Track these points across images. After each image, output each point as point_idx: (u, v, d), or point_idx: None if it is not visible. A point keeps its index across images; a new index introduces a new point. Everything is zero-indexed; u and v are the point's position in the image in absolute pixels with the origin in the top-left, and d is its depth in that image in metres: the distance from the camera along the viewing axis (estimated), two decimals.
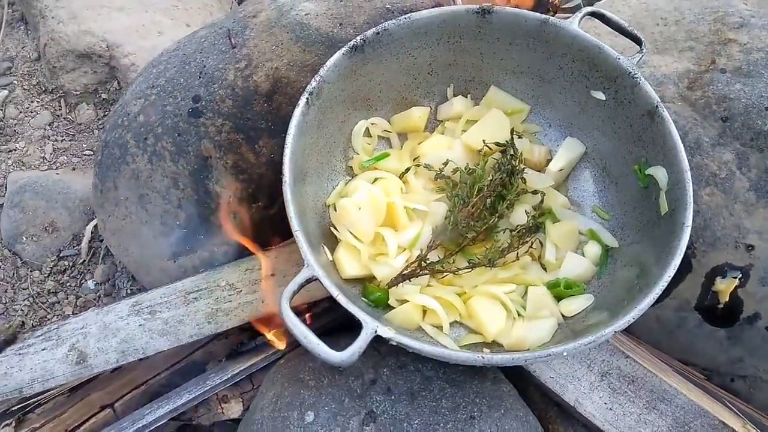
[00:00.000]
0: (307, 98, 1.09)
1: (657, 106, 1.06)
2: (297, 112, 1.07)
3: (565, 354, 0.88)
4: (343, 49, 1.13)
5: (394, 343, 0.90)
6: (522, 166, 1.20)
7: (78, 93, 1.78)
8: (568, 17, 1.53)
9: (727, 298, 1.12)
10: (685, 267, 1.15)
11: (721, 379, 1.22)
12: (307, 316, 1.31)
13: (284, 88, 1.25)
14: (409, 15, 1.16)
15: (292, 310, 0.91)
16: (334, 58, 1.13)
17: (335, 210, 1.18)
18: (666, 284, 0.92)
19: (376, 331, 0.89)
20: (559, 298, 1.13)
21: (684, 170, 1.00)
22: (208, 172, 1.28)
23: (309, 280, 0.94)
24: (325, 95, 1.14)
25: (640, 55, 1.11)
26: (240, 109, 1.26)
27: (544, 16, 1.14)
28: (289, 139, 1.05)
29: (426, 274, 1.13)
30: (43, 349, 1.24)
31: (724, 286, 1.12)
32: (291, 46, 1.27)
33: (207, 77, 1.30)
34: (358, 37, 1.14)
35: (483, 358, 0.88)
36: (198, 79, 1.30)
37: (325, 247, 1.13)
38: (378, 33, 1.15)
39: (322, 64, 1.14)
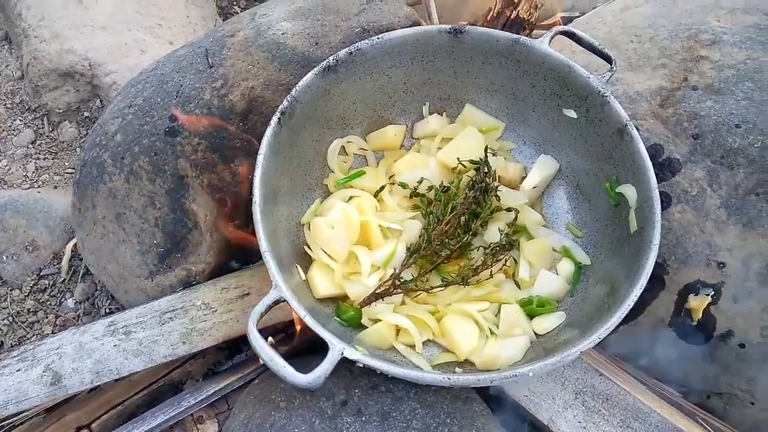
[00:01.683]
0: (279, 118, 1.09)
1: (626, 125, 1.07)
2: (268, 132, 1.08)
3: (530, 374, 0.88)
4: (315, 69, 1.14)
5: (361, 365, 0.90)
6: (496, 183, 1.20)
7: (61, 111, 1.79)
8: (545, 33, 1.55)
9: (700, 316, 1.12)
10: (659, 284, 1.15)
11: (697, 396, 1.21)
12: (284, 334, 1.32)
13: (260, 107, 1.26)
14: (381, 35, 1.17)
15: (259, 332, 0.91)
16: (306, 79, 1.13)
17: (309, 229, 1.18)
18: (632, 304, 0.92)
19: (342, 353, 0.88)
20: (531, 315, 1.13)
21: (652, 189, 1.01)
22: (185, 191, 1.28)
23: (277, 302, 0.94)
24: (298, 115, 1.14)
25: (610, 74, 1.11)
26: (216, 128, 1.26)
27: (515, 35, 1.15)
28: (260, 159, 1.05)
29: (399, 292, 1.13)
30: (18, 370, 1.23)
31: (697, 304, 1.12)
32: (267, 65, 1.28)
33: (184, 97, 1.30)
34: (331, 58, 1.15)
35: (449, 379, 0.88)
36: (175, 98, 1.31)
37: (298, 266, 1.13)
38: (351, 53, 1.16)
39: (296, 84, 1.15)
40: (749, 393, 1.15)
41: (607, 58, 1.13)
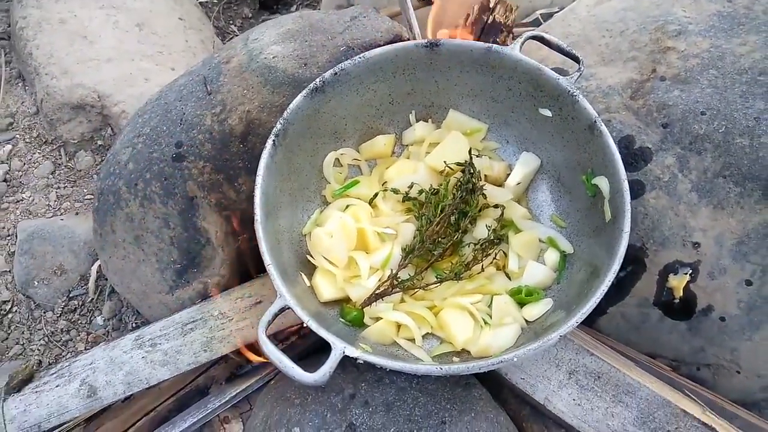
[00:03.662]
0: (273, 140, 1.19)
1: (595, 121, 1.14)
2: (265, 154, 1.17)
3: (515, 360, 0.97)
4: (304, 92, 1.23)
5: (362, 362, 0.99)
6: (481, 183, 1.28)
7: (76, 141, 1.90)
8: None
9: (681, 293, 1.19)
10: (640, 266, 1.22)
11: (688, 368, 1.28)
12: (297, 336, 1.41)
13: (257, 129, 1.35)
14: (363, 54, 1.25)
15: (270, 337, 1.01)
16: (296, 101, 1.22)
17: (311, 239, 1.27)
18: (606, 290, 1.00)
19: (344, 352, 0.98)
20: (522, 304, 1.21)
21: (621, 180, 1.08)
22: (195, 211, 1.38)
23: (283, 309, 1.04)
24: (292, 135, 1.23)
25: (578, 74, 1.19)
26: (218, 151, 1.36)
27: (487, 45, 1.23)
28: (259, 180, 1.14)
29: (398, 291, 1.22)
30: (57, 386, 1.35)
31: (677, 282, 1.19)
32: (261, 89, 1.37)
33: (187, 124, 1.40)
34: (318, 79, 1.24)
35: (441, 369, 0.97)
36: (179, 125, 1.41)
37: (302, 274, 1.23)
38: (336, 73, 1.25)
39: (288, 105, 1.24)
40: (734, 362, 1.22)
41: (575, 59, 1.20)
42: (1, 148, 1.92)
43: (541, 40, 1.23)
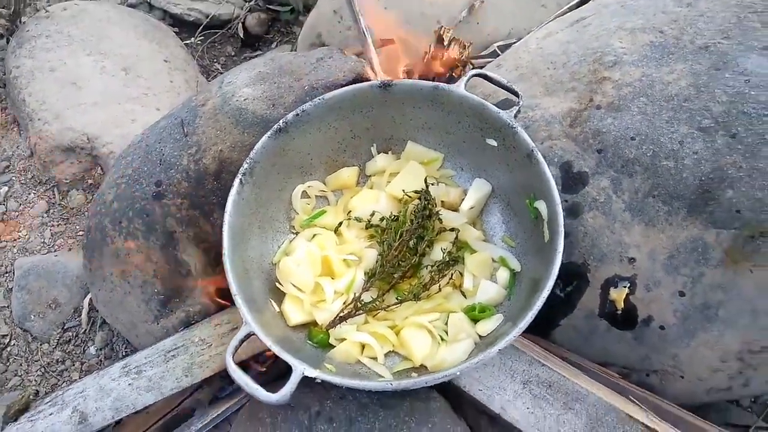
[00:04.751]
0: (240, 179, 1.29)
1: (532, 151, 1.24)
2: (232, 192, 1.28)
3: (458, 373, 1.06)
4: (268, 132, 1.34)
5: (319, 381, 1.08)
6: (437, 209, 1.38)
7: (68, 181, 2.02)
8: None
9: (623, 305, 1.28)
10: (584, 281, 1.31)
11: (638, 375, 1.37)
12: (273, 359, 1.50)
13: (229, 167, 1.46)
14: (322, 96, 1.36)
15: (236, 363, 1.11)
16: (261, 142, 1.33)
17: (279, 268, 1.37)
18: (540, 305, 1.10)
19: (303, 373, 1.07)
20: (475, 320, 1.30)
21: (556, 204, 1.18)
22: (175, 245, 1.49)
23: (248, 336, 1.14)
24: (259, 172, 1.34)
25: (517, 108, 1.29)
26: (194, 188, 1.47)
27: (434, 83, 1.34)
28: (227, 217, 1.25)
29: (361, 313, 1.31)
30: (50, 414, 1.44)
31: (617, 295, 1.28)
32: (232, 129, 1.48)
33: (166, 164, 1.51)
34: (281, 121, 1.35)
35: (392, 384, 1.07)
36: (159, 166, 1.52)
37: (272, 301, 1.33)
38: (297, 115, 1.36)
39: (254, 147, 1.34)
40: (677, 368, 1.31)
41: (515, 94, 1.31)
42: None
43: (484, 77, 1.34)
